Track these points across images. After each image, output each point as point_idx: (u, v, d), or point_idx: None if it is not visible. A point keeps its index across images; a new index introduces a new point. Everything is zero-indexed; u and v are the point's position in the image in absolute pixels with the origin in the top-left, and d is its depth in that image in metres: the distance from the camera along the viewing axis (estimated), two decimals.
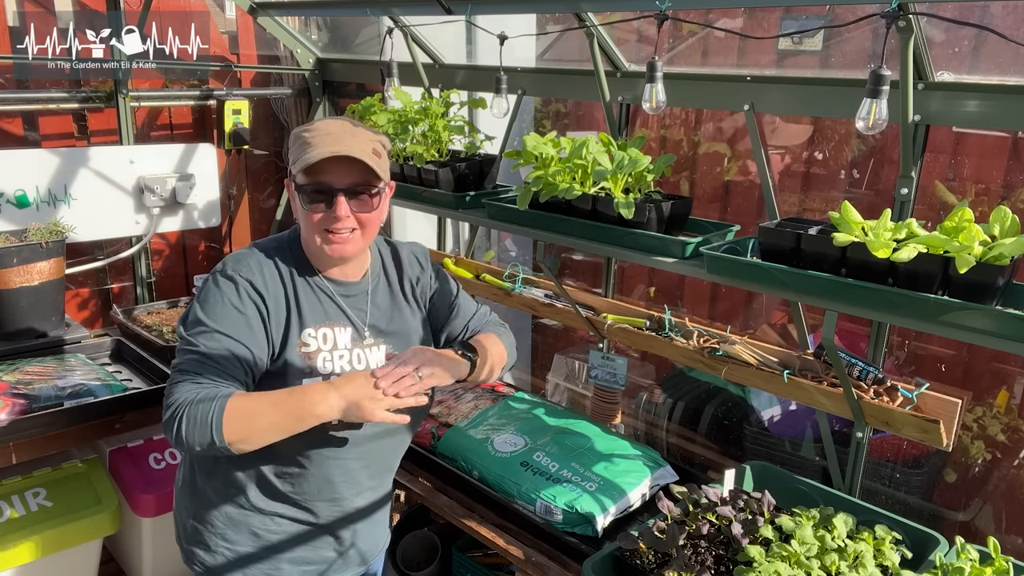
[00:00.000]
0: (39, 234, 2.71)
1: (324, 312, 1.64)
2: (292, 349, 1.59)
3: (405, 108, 2.72)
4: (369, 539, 1.84)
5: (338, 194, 1.55)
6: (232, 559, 1.69)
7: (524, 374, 4.12)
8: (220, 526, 1.69)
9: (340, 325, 1.65)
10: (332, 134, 1.55)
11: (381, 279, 1.77)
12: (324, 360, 1.61)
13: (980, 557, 1.62)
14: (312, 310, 1.63)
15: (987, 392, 2.64)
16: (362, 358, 1.67)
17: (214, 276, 1.59)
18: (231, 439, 1.43)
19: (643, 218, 1.98)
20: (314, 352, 1.60)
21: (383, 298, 1.75)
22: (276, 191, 3.94)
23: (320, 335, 1.62)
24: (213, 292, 1.56)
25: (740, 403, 2.84)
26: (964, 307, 1.49)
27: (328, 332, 1.63)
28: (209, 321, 1.53)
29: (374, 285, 1.74)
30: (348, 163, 1.53)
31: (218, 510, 1.69)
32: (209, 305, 1.55)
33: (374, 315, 1.72)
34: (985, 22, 1.90)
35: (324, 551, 1.76)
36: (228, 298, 1.55)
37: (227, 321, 1.53)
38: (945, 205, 2.64)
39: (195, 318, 1.55)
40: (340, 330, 1.65)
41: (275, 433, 1.49)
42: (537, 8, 2.69)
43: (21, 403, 2.30)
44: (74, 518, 2.52)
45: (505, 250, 4.04)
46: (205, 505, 1.70)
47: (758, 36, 2.48)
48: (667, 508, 1.85)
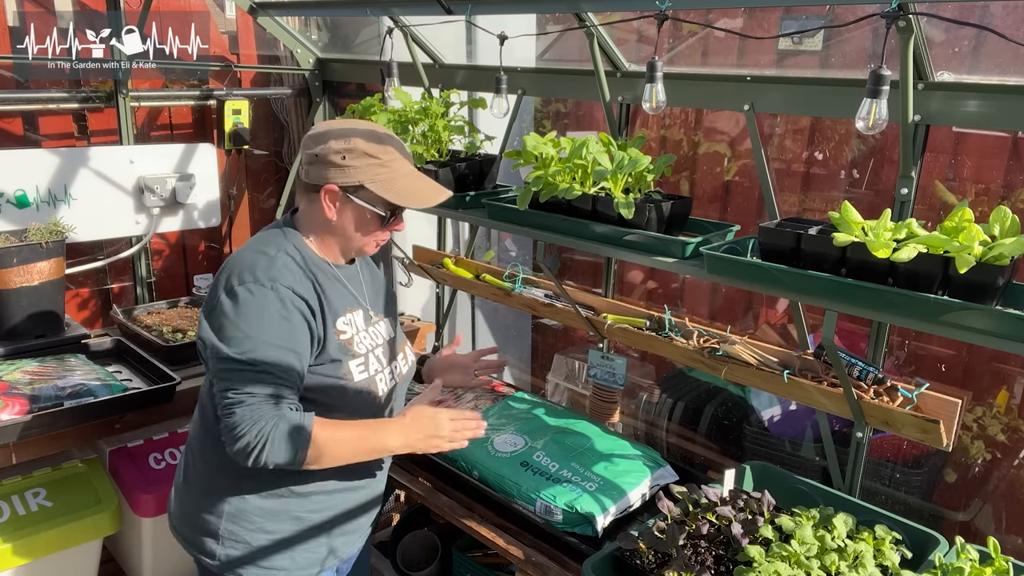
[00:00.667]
0: (39, 234, 2.71)
1: (343, 298, 1.73)
2: (332, 339, 1.66)
3: (405, 108, 2.72)
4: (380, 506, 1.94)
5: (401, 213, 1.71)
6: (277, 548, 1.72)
7: (524, 374, 4.13)
8: (258, 520, 1.71)
9: (355, 308, 1.75)
10: (409, 161, 1.69)
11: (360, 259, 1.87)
12: (357, 343, 1.71)
13: (980, 557, 1.62)
14: (338, 298, 1.71)
15: (987, 392, 2.64)
16: (378, 333, 1.79)
17: (244, 287, 1.55)
18: (309, 464, 1.56)
19: (643, 218, 1.98)
20: (349, 338, 1.69)
21: (369, 275, 1.88)
22: (276, 191, 3.94)
23: (348, 320, 1.71)
24: (249, 303, 1.54)
25: (740, 403, 2.84)
26: (964, 307, 1.49)
27: (352, 316, 1.73)
28: (256, 334, 1.53)
29: (360, 266, 1.85)
30: None
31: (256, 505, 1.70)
32: (251, 318, 1.53)
33: (369, 293, 1.83)
34: (985, 22, 1.90)
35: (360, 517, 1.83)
36: (269, 308, 1.55)
37: (275, 332, 1.54)
38: (945, 205, 2.64)
39: (237, 335, 1.53)
40: (357, 312, 1.75)
41: (348, 460, 1.63)
42: (537, 8, 2.68)
43: (21, 403, 2.30)
44: (74, 518, 2.52)
45: (505, 250, 4.04)
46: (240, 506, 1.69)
47: (758, 36, 2.48)
48: (667, 508, 1.85)
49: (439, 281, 3.18)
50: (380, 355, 1.76)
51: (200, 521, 1.73)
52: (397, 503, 3.15)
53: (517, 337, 4.11)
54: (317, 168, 1.62)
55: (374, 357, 1.74)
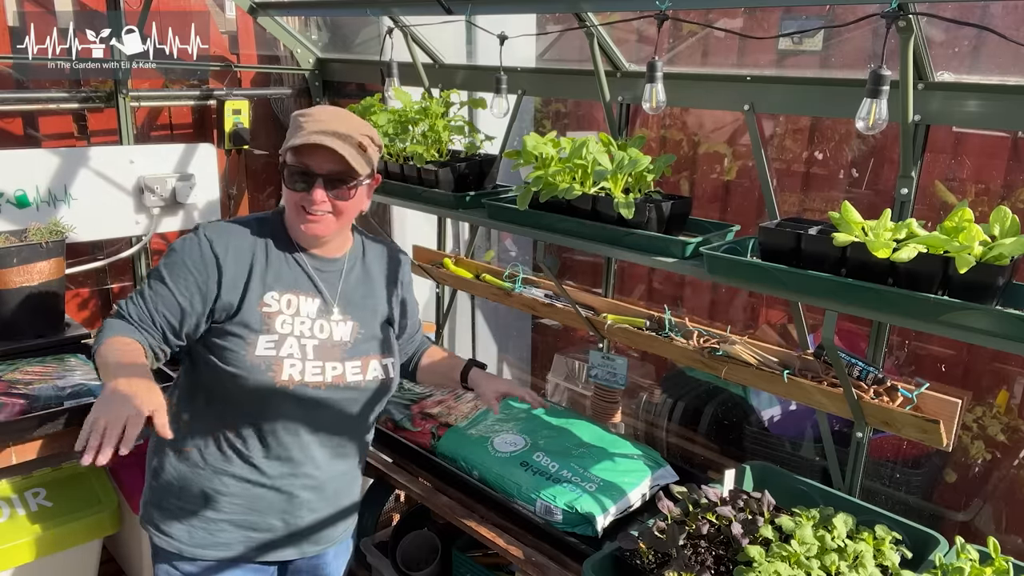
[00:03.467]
0: (39, 234, 2.71)
1: (293, 280, 1.75)
2: (251, 308, 1.69)
3: (405, 108, 2.72)
4: (321, 520, 1.87)
5: (317, 179, 1.67)
6: (180, 517, 1.76)
7: (524, 374, 4.13)
8: (175, 486, 1.77)
9: (308, 295, 1.76)
10: (323, 121, 1.67)
11: (359, 262, 1.88)
12: (283, 322, 1.72)
13: (980, 557, 1.62)
14: (279, 276, 1.74)
15: (987, 392, 2.65)
16: (325, 329, 1.77)
17: (188, 232, 1.74)
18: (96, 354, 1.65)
19: (643, 218, 1.98)
20: (274, 313, 1.71)
21: (357, 278, 1.86)
22: (276, 191, 3.94)
23: (284, 300, 1.73)
24: (177, 246, 1.71)
25: (740, 403, 2.84)
26: (964, 307, 1.49)
27: (293, 298, 1.74)
28: (163, 270, 1.69)
29: (350, 266, 1.85)
30: (331, 152, 1.64)
31: (175, 469, 1.77)
32: (169, 256, 1.71)
33: (345, 291, 1.82)
34: (985, 22, 1.90)
35: (270, 517, 1.79)
36: (184, 253, 1.69)
37: (174, 273, 1.68)
38: (945, 205, 2.64)
39: (158, 264, 1.73)
40: (307, 299, 1.76)
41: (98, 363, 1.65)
42: (537, 8, 2.68)
43: (21, 403, 2.30)
44: (74, 518, 2.52)
45: (505, 250, 4.04)
46: (163, 465, 1.78)
47: (758, 36, 2.48)
48: (667, 508, 1.85)
49: (439, 281, 3.18)
50: (310, 347, 1.72)
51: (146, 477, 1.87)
52: (397, 503, 3.14)
53: (517, 337, 4.12)
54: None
55: (297, 344, 1.71)
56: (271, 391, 1.68)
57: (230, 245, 1.71)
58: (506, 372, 4.10)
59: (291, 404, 1.71)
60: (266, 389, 1.67)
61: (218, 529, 1.77)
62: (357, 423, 1.85)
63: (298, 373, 1.70)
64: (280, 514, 1.80)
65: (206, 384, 1.74)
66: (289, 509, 1.81)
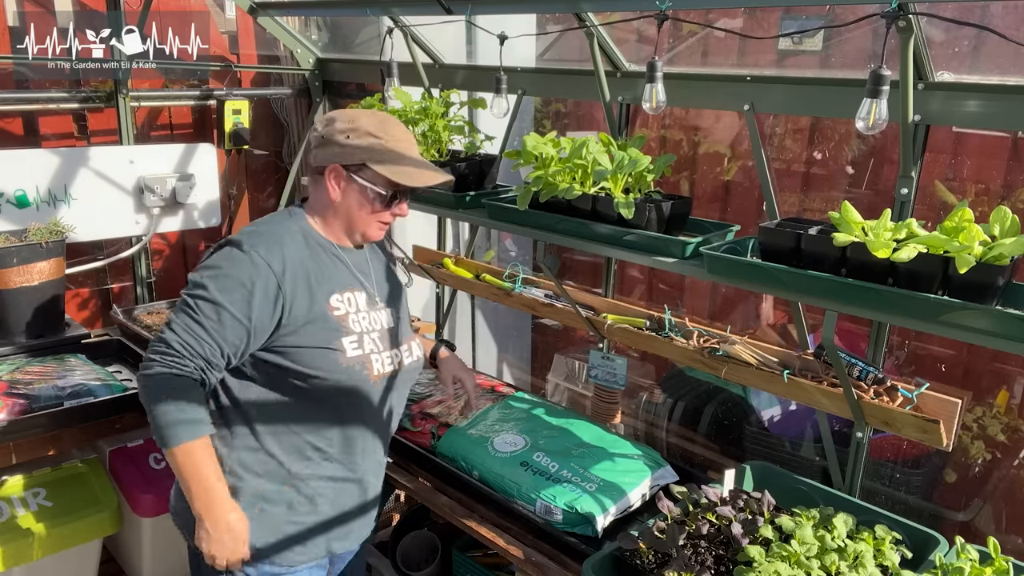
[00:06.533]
0: (39, 234, 2.71)
1: (344, 278, 1.77)
2: (323, 313, 1.69)
3: (405, 108, 2.72)
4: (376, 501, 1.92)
5: (406, 197, 1.75)
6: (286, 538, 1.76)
7: (524, 374, 4.13)
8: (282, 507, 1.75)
9: (357, 290, 1.78)
10: (412, 145, 1.74)
11: (372, 247, 1.92)
12: (353, 321, 1.74)
13: (980, 557, 1.62)
14: (332, 277, 1.74)
15: (987, 392, 2.65)
16: (376, 319, 1.80)
17: (229, 247, 1.64)
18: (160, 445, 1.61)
19: (643, 218, 1.98)
20: (343, 315, 1.72)
21: (377, 264, 1.90)
22: (276, 191, 3.94)
23: (345, 299, 1.75)
24: (225, 265, 1.62)
25: (740, 403, 2.84)
26: (964, 307, 1.49)
27: (351, 296, 1.76)
28: (218, 295, 1.59)
29: (369, 255, 1.88)
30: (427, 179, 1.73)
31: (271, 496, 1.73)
32: (219, 281, 1.60)
33: (376, 280, 1.86)
34: (985, 22, 1.90)
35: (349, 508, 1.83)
36: (239, 273, 1.60)
37: (232, 296, 1.59)
38: (945, 205, 2.64)
39: (201, 281, 1.61)
40: (358, 294, 1.78)
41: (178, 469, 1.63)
42: (537, 8, 2.68)
43: (21, 403, 2.30)
44: (74, 518, 2.52)
45: (505, 250, 4.04)
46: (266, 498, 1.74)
47: (758, 36, 2.48)
48: (667, 508, 1.85)
49: (439, 281, 3.18)
50: (377, 339, 1.78)
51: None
52: (397, 503, 3.15)
53: (517, 337, 4.11)
54: (323, 149, 1.69)
55: (370, 339, 1.76)
56: (367, 388, 1.75)
57: (284, 257, 1.65)
58: (506, 372, 4.10)
59: (376, 396, 1.79)
60: (361, 387, 1.74)
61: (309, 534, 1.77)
62: (404, 403, 1.95)
63: (381, 364, 1.77)
64: (357, 503, 1.85)
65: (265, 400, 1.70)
66: (363, 497, 1.86)
